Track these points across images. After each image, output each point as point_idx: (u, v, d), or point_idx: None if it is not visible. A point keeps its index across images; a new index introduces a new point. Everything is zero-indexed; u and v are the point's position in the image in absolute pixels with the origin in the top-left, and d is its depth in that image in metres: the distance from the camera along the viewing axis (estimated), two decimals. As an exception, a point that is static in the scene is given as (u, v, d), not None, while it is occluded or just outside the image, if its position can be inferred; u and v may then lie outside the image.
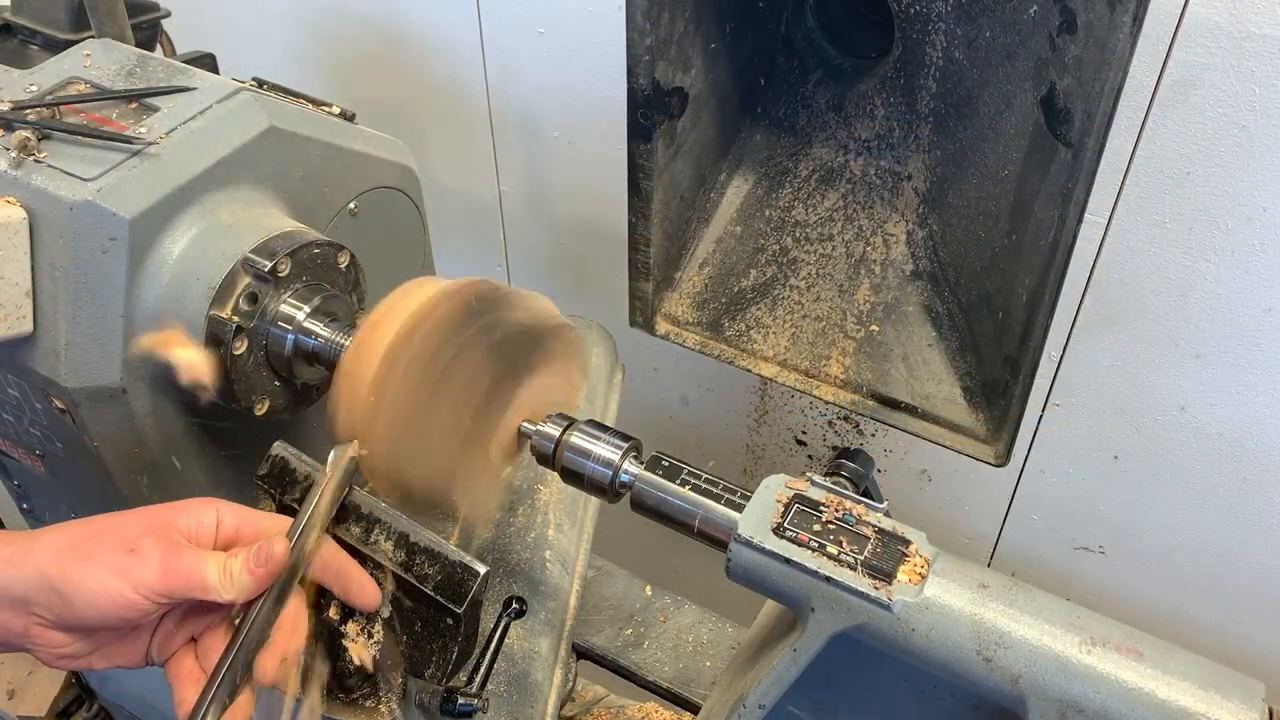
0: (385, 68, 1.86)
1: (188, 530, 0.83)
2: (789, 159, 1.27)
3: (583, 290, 1.95)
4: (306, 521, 0.86)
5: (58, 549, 0.79)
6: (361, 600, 0.89)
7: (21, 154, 0.97)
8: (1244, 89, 1.18)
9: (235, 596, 0.80)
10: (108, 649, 0.83)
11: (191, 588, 0.79)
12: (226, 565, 0.80)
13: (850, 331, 1.20)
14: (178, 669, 0.84)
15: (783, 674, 0.85)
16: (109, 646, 0.83)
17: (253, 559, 0.81)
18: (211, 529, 0.84)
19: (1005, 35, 1.02)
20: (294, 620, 0.85)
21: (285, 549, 0.82)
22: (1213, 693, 0.74)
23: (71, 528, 0.82)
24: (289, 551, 0.83)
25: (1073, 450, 1.56)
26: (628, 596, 1.29)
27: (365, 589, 0.89)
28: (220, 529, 0.84)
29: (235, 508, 0.86)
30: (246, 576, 0.80)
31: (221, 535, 0.84)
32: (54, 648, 0.80)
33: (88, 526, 0.82)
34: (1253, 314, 1.31)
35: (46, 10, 1.28)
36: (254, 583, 0.81)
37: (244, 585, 0.80)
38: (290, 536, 0.84)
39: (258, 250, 0.98)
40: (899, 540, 0.82)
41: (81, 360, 0.96)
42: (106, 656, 0.83)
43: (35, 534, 0.81)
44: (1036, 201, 0.99)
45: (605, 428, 0.95)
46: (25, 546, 0.79)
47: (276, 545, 0.82)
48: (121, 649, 0.84)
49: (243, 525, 0.85)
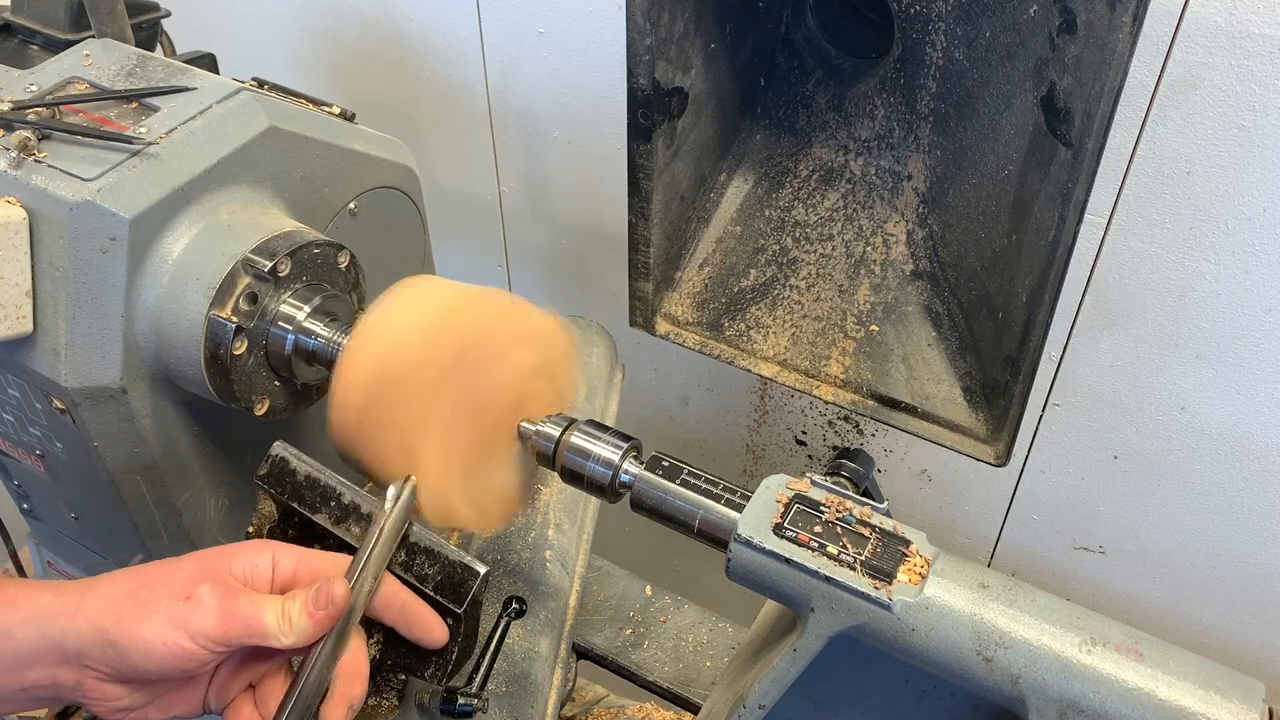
0: (385, 68, 1.86)
1: (242, 575, 0.81)
2: (789, 159, 1.27)
3: (583, 290, 1.95)
4: (366, 561, 0.83)
5: (113, 599, 0.76)
6: (429, 638, 0.86)
7: (21, 154, 0.97)
8: (1244, 89, 1.18)
9: (295, 641, 0.78)
10: (164, 699, 0.81)
11: (250, 634, 0.77)
12: (285, 610, 0.78)
13: (850, 331, 1.20)
14: (236, 717, 0.81)
15: (783, 674, 0.85)
16: (165, 697, 0.81)
17: (312, 602, 0.78)
18: (267, 572, 0.82)
19: (1005, 35, 1.02)
20: (355, 664, 0.82)
21: (346, 591, 0.79)
22: (1213, 693, 0.74)
23: (124, 576, 0.79)
24: (349, 593, 0.80)
25: (1073, 450, 1.56)
26: (628, 596, 1.29)
27: (432, 627, 0.86)
28: (277, 572, 0.82)
29: (291, 549, 0.84)
30: (306, 620, 0.77)
31: (278, 578, 0.82)
32: (109, 700, 0.78)
33: (141, 575, 0.79)
34: (1253, 314, 1.31)
35: (46, 10, 1.27)
36: (314, 626, 0.78)
37: (304, 629, 0.77)
38: (349, 576, 0.81)
39: (258, 250, 0.98)
40: (899, 540, 0.82)
41: (81, 360, 0.96)
42: (162, 708, 0.81)
43: (88, 584, 0.79)
44: (1036, 201, 0.99)
45: (605, 428, 0.95)
46: (78, 597, 0.77)
47: (337, 587, 0.79)
48: (178, 699, 0.81)
49: (300, 567, 0.82)
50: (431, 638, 0.86)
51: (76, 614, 0.76)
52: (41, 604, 0.77)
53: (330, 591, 0.78)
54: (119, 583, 0.78)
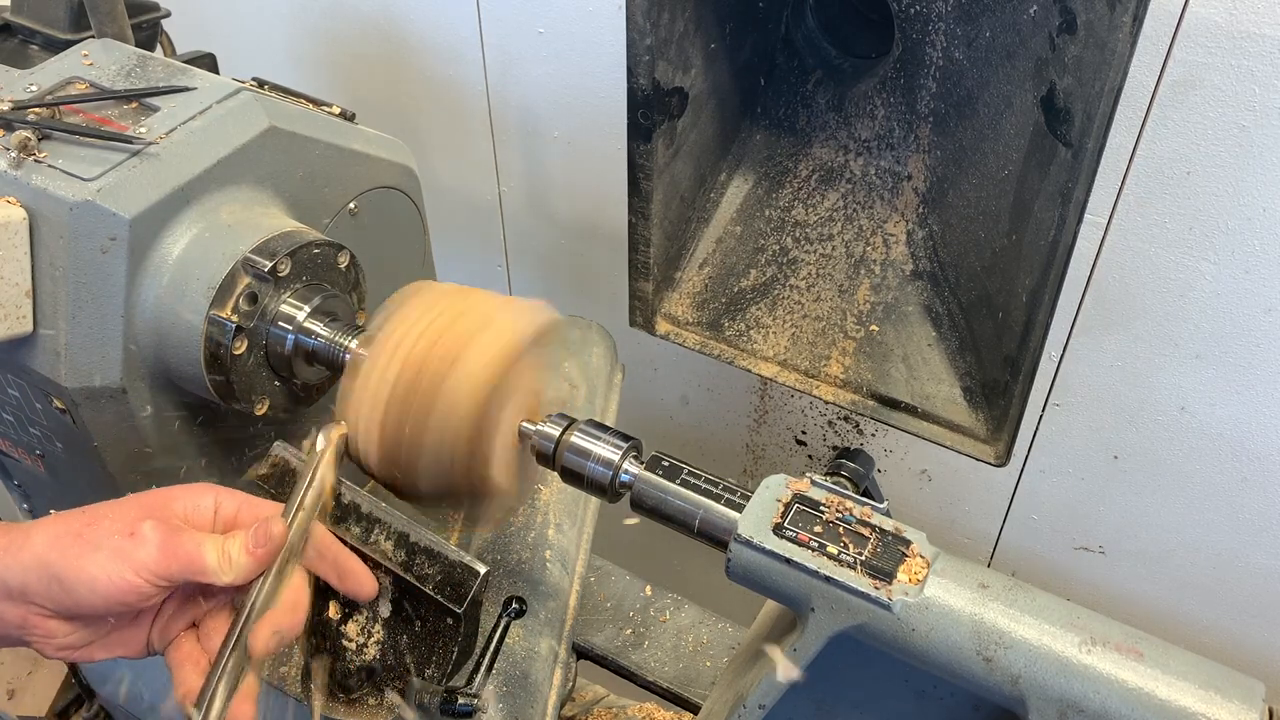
0: (385, 68, 1.86)
1: (184, 514, 0.83)
2: (789, 159, 1.27)
3: (583, 290, 1.95)
4: (301, 499, 0.85)
5: (56, 536, 0.78)
6: (357, 588, 0.88)
7: (21, 154, 0.97)
8: (1244, 89, 1.18)
9: (234, 578, 0.80)
10: (108, 638, 0.83)
11: (191, 570, 0.79)
12: (225, 547, 0.80)
13: (850, 331, 1.20)
14: (178, 653, 0.83)
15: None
16: (109, 635, 0.83)
17: (251, 539, 0.80)
18: (209, 514, 0.84)
19: (1005, 35, 1.02)
20: (295, 596, 0.84)
21: (283, 528, 0.82)
22: (1213, 693, 0.74)
23: (68, 516, 0.81)
24: (286, 530, 0.82)
25: (1073, 450, 1.56)
26: (628, 596, 1.29)
27: (360, 578, 0.88)
28: (219, 514, 0.84)
29: (234, 494, 0.85)
30: (245, 557, 0.80)
31: (220, 520, 0.84)
32: (53, 638, 0.80)
33: (86, 514, 0.81)
34: (1253, 314, 1.31)
35: (46, 10, 1.27)
36: (253, 563, 0.80)
37: (243, 566, 0.80)
38: (286, 516, 0.84)
39: (258, 250, 0.98)
40: (899, 540, 0.82)
41: (81, 360, 0.96)
42: (107, 646, 0.83)
43: (31, 524, 0.81)
44: (1036, 201, 0.99)
45: (605, 428, 0.95)
46: (22, 536, 0.79)
47: (275, 525, 0.81)
48: (122, 638, 0.83)
49: (242, 511, 0.85)
50: (362, 590, 0.88)
51: (21, 551, 0.78)
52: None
53: (269, 529, 0.81)
54: (63, 521, 0.80)
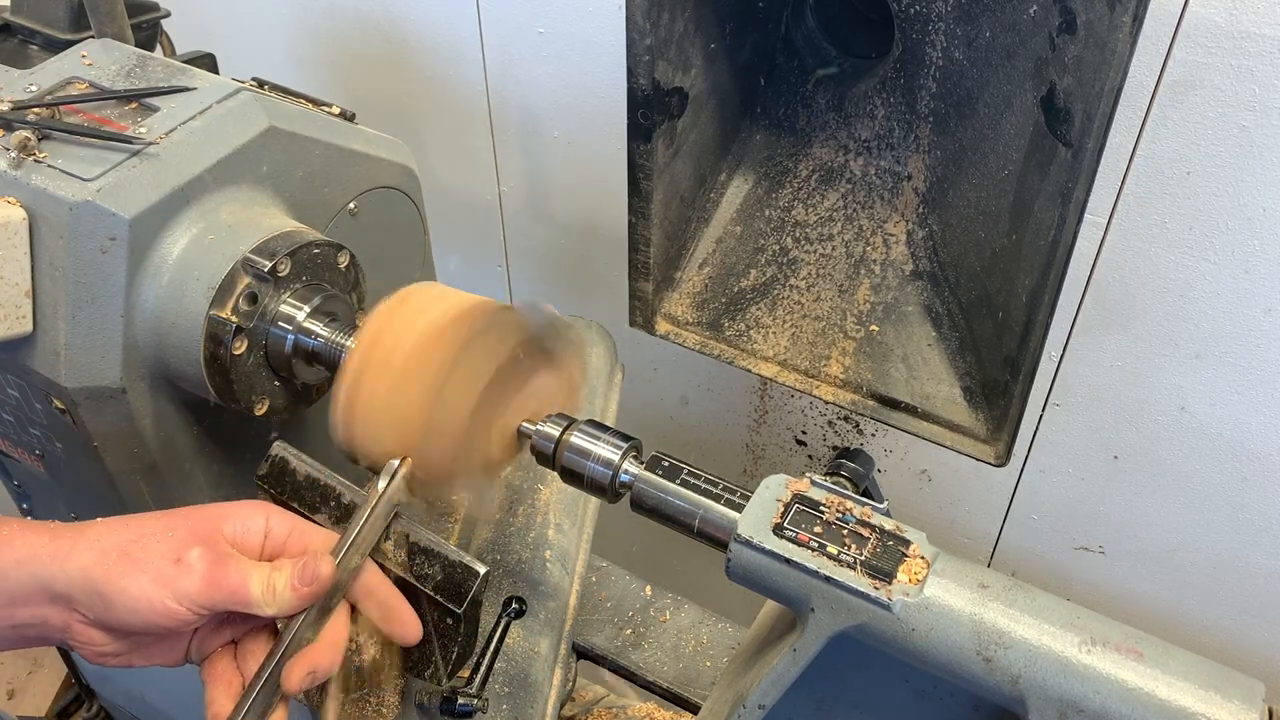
0: (385, 68, 1.86)
1: (234, 536, 0.82)
2: (789, 159, 1.27)
3: (583, 290, 1.95)
4: (354, 540, 0.84)
5: (104, 550, 0.78)
6: (402, 631, 0.86)
7: (21, 154, 0.97)
8: (1244, 89, 1.18)
9: (277, 612, 0.80)
10: (147, 649, 0.83)
11: (235, 602, 0.79)
12: (271, 581, 0.79)
13: (850, 331, 1.20)
14: (213, 670, 0.83)
15: (783, 674, 0.85)
16: (148, 647, 0.83)
17: (297, 577, 0.80)
18: (259, 536, 0.83)
19: (1005, 35, 1.02)
20: (334, 635, 0.83)
21: (331, 569, 0.81)
22: (1213, 693, 0.74)
23: (118, 527, 0.81)
24: (334, 572, 0.81)
25: (1073, 450, 1.56)
26: (628, 596, 1.29)
27: (407, 620, 0.86)
28: (269, 537, 0.83)
29: (287, 516, 0.85)
30: (290, 594, 0.79)
31: (270, 543, 0.83)
32: (94, 645, 0.80)
33: (135, 527, 0.80)
34: (1253, 314, 1.31)
35: (46, 10, 1.27)
36: (297, 600, 0.80)
37: (287, 602, 0.79)
38: (335, 555, 0.83)
39: (258, 250, 0.98)
40: (899, 540, 0.82)
41: (81, 360, 0.96)
42: (146, 656, 0.83)
43: (81, 528, 0.80)
44: (1036, 201, 0.99)
45: (605, 428, 0.95)
46: (71, 542, 0.79)
47: (323, 565, 0.80)
48: (161, 648, 0.83)
49: (292, 537, 0.84)
50: (406, 634, 0.87)
51: (68, 559, 0.78)
52: (36, 546, 0.79)
53: (316, 568, 0.80)
54: (113, 532, 0.80)
